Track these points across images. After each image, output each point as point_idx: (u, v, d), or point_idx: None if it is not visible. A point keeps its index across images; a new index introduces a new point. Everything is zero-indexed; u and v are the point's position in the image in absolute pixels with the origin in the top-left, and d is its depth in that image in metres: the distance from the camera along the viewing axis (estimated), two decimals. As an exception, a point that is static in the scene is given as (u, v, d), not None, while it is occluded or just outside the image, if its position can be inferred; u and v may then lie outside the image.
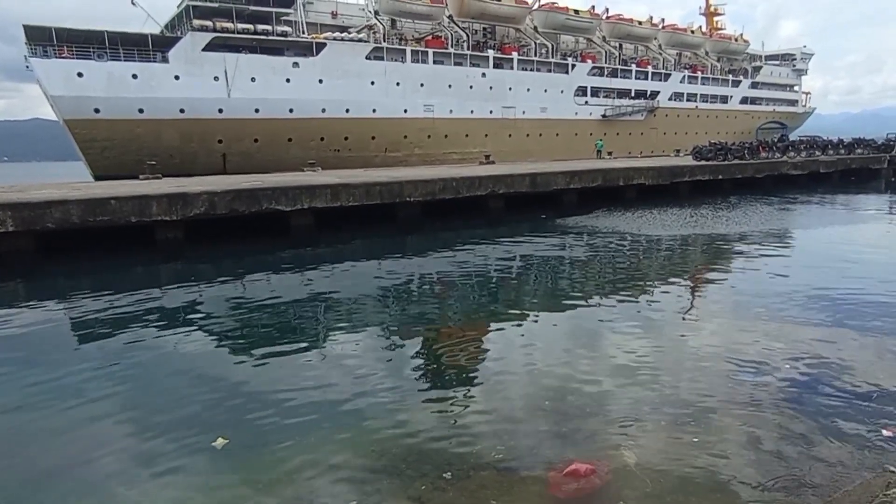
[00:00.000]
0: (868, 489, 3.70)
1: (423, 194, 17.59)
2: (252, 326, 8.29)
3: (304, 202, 15.52)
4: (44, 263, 12.65)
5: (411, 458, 4.47)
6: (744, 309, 8.56)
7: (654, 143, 56.24)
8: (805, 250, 14.24)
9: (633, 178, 23.03)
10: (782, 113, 72.61)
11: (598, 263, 12.75)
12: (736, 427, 4.89)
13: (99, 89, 31.93)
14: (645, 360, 6.41)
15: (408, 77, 42.17)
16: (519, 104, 48.30)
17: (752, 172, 28.21)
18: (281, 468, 4.42)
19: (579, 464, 4.23)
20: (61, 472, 4.51)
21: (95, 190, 15.25)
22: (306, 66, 37.75)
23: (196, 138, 34.80)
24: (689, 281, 10.83)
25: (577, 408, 5.29)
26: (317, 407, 5.46)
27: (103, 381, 6.17)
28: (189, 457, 4.65)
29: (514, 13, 48.58)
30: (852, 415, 5.06)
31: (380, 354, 7.01)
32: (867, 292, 9.07)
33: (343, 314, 8.90)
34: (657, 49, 60.53)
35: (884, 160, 35.25)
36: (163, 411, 5.47)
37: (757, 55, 72.05)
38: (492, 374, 6.22)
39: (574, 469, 4.17)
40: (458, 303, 9.68)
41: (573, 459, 4.31)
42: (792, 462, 4.36)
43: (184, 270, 12.55)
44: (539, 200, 20.38)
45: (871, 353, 6.54)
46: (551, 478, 4.14)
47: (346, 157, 38.45)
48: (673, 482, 4.11)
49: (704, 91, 63.23)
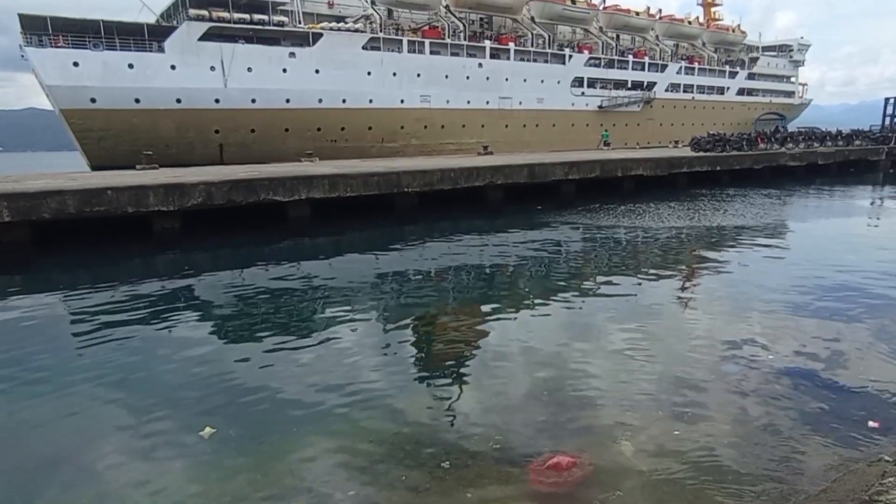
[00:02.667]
0: (864, 478, 3.72)
1: (421, 185, 17.52)
2: (248, 317, 8.27)
3: (301, 193, 15.44)
4: (40, 254, 12.59)
5: (409, 448, 4.46)
6: (738, 301, 8.57)
7: (650, 134, 56.15)
8: (802, 243, 14.25)
9: (631, 169, 22.99)
10: (779, 104, 72.57)
11: (595, 254, 12.76)
12: (726, 418, 4.90)
13: (95, 79, 31.76)
14: (638, 350, 6.42)
15: (404, 67, 42.00)
16: (516, 95, 48.17)
17: (751, 164, 28.21)
18: (274, 458, 4.41)
19: (561, 456, 4.21)
20: (44, 462, 4.49)
21: (91, 180, 15.15)
22: (303, 56, 37.57)
23: (193, 128, 34.67)
24: (684, 273, 10.86)
25: (573, 398, 5.30)
26: (313, 396, 5.45)
27: (96, 372, 6.14)
28: (174, 446, 4.64)
29: (511, 3, 48.33)
30: (844, 406, 5.08)
31: (377, 344, 7.00)
32: (863, 286, 9.09)
33: (340, 304, 8.88)
34: (654, 40, 60.39)
35: (882, 152, 35.28)
36: (153, 401, 5.44)
37: (754, 46, 71.97)
38: (489, 364, 6.23)
39: (556, 462, 4.16)
40: (456, 293, 9.68)
41: (555, 452, 4.30)
42: (783, 452, 4.37)
43: (180, 261, 12.50)
44: (537, 191, 20.34)
45: (866, 346, 6.56)
46: (532, 470, 4.13)
47: (342, 148, 38.37)
48: (666, 473, 4.12)
49: (701, 82, 63.16)
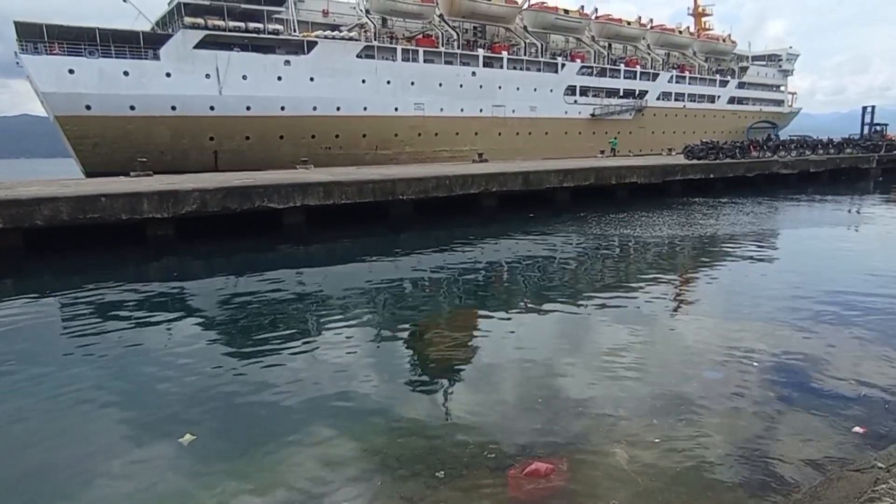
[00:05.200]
0: (856, 485, 3.73)
1: (416, 192, 17.56)
2: (241, 324, 8.24)
3: (296, 200, 15.45)
4: (32, 260, 12.53)
5: (404, 457, 4.44)
6: (730, 308, 8.60)
7: (642, 142, 56.47)
8: (793, 251, 14.34)
9: (625, 176, 23.10)
10: (769, 113, 73.12)
11: (588, 262, 12.79)
12: (712, 425, 4.89)
13: (90, 86, 31.76)
14: (631, 359, 6.40)
15: (398, 75, 42.12)
16: (509, 103, 48.36)
17: (744, 171, 28.41)
18: (264, 466, 4.38)
19: (539, 463, 4.20)
20: (23, 468, 4.47)
21: (85, 187, 15.11)
22: (298, 64, 37.64)
23: (187, 135, 34.64)
24: (677, 280, 10.89)
25: (568, 406, 5.29)
26: (304, 405, 5.43)
27: (84, 378, 6.11)
28: (153, 453, 4.61)
29: (504, 13, 48.67)
30: (833, 412, 5.09)
31: (370, 352, 6.97)
32: (853, 293, 9.13)
33: (334, 312, 8.86)
34: (646, 49, 60.78)
35: (872, 160, 35.59)
36: (139, 410, 5.41)
37: (744, 56, 72.52)
38: (483, 372, 6.22)
39: (534, 468, 4.14)
40: (450, 301, 9.69)
41: (533, 459, 4.28)
42: (771, 458, 4.37)
43: (174, 268, 12.46)
44: (532, 199, 20.40)
45: (855, 352, 6.58)
46: (511, 477, 4.10)
47: (336, 155, 38.45)
48: (654, 480, 4.12)
49: (692, 91, 63.59)
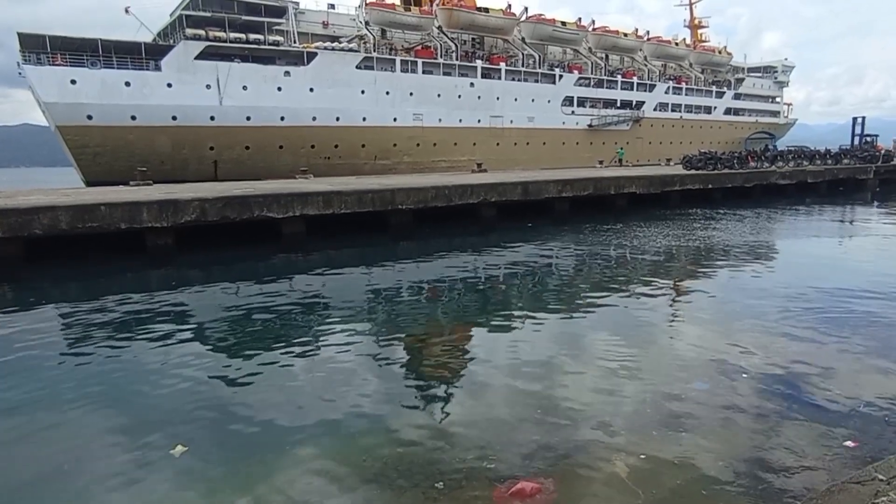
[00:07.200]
0: (857, 497, 3.71)
1: (416, 202, 17.59)
2: (239, 334, 8.22)
3: (295, 209, 15.47)
4: (31, 270, 12.51)
5: (402, 468, 4.42)
6: (726, 320, 8.59)
7: (639, 153, 56.54)
8: (791, 261, 14.32)
9: (624, 186, 23.15)
10: (765, 123, 73.35)
11: (587, 272, 12.80)
12: (707, 437, 4.88)
13: (92, 96, 31.90)
14: (628, 369, 6.40)
15: (397, 86, 42.29)
16: (507, 113, 48.52)
17: (742, 182, 28.48)
18: (261, 477, 4.36)
19: (525, 482, 4.16)
20: (14, 478, 4.47)
21: (85, 196, 15.12)
22: (297, 74, 37.81)
23: (188, 145, 34.75)
24: (674, 291, 10.87)
25: (566, 416, 5.28)
26: (303, 414, 5.41)
27: (81, 387, 6.12)
28: (145, 464, 4.59)
29: (502, 24, 48.96)
30: (829, 424, 5.08)
31: (369, 362, 6.94)
32: (850, 304, 9.14)
33: (332, 322, 8.84)
34: (642, 60, 61.07)
35: (870, 170, 35.68)
36: (136, 419, 5.39)
37: (740, 67, 72.87)
38: (482, 383, 6.20)
39: (520, 488, 4.10)
40: (448, 311, 9.67)
41: (519, 477, 4.24)
42: (769, 471, 4.36)
43: (173, 277, 12.44)
44: (531, 208, 20.44)
45: (850, 363, 6.58)
46: (496, 496, 4.07)
47: (336, 165, 38.59)
48: (653, 493, 4.11)
49: (689, 102, 63.82)
